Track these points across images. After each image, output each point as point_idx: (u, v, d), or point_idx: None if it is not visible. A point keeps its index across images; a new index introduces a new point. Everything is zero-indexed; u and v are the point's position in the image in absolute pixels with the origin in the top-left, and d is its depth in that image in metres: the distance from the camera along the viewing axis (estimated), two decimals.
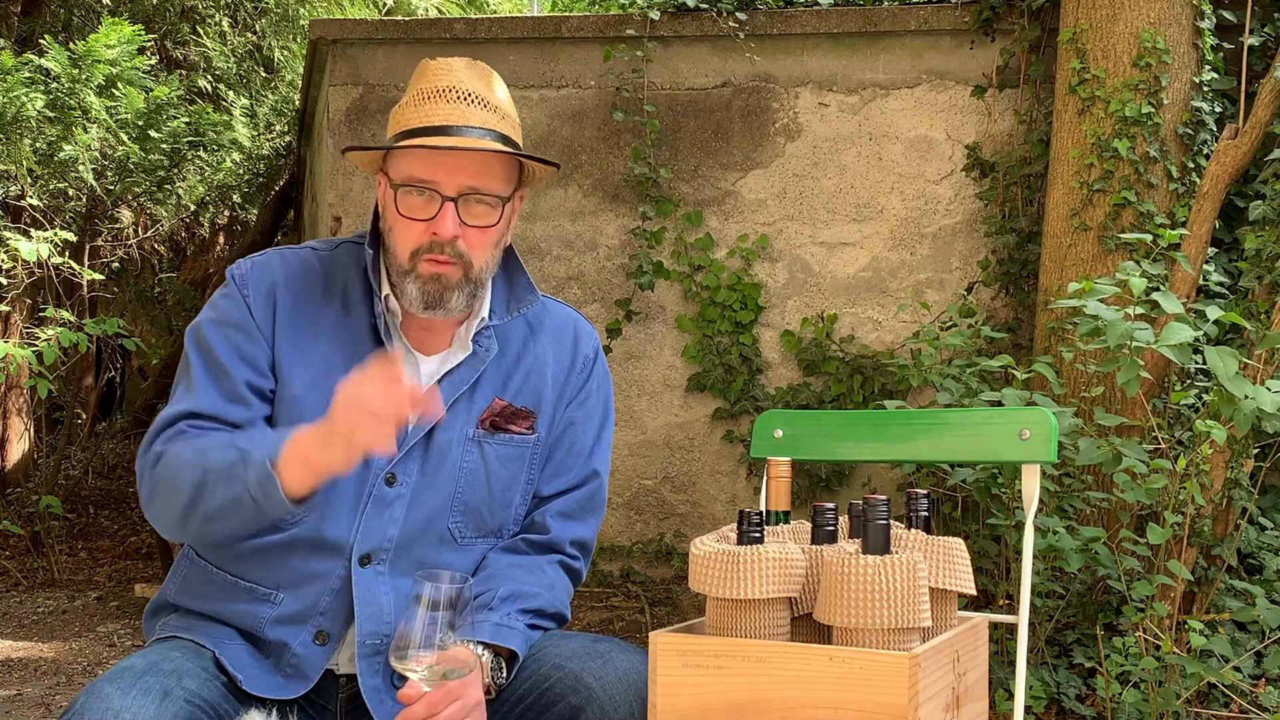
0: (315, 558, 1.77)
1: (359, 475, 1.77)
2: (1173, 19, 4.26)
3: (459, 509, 1.83)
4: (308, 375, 1.79)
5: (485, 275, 1.81)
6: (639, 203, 4.95)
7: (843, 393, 4.86)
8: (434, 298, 1.76)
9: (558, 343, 1.93)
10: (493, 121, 1.77)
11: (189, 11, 7.64)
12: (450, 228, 1.74)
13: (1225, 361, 2.86)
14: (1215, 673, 3.07)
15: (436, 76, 1.79)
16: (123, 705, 1.53)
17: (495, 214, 1.77)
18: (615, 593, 4.92)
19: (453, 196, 1.74)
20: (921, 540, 1.67)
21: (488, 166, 1.76)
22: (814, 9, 4.97)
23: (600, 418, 1.97)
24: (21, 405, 7.17)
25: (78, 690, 4.13)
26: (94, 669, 4.42)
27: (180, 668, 1.64)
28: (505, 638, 1.75)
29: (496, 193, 1.77)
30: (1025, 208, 4.83)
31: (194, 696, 1.61)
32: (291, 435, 1.65)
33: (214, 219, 8.09)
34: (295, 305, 1.82)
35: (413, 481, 1.80)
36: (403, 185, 1.76)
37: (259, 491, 1.63)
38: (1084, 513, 3.71)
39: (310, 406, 1.76)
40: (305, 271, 1.85)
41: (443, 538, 1.82)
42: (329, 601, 1.77)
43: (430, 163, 1.74)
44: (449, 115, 1.75)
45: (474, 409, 1.84)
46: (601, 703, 1.67)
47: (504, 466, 1.85)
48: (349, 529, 1.77)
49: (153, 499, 1.75)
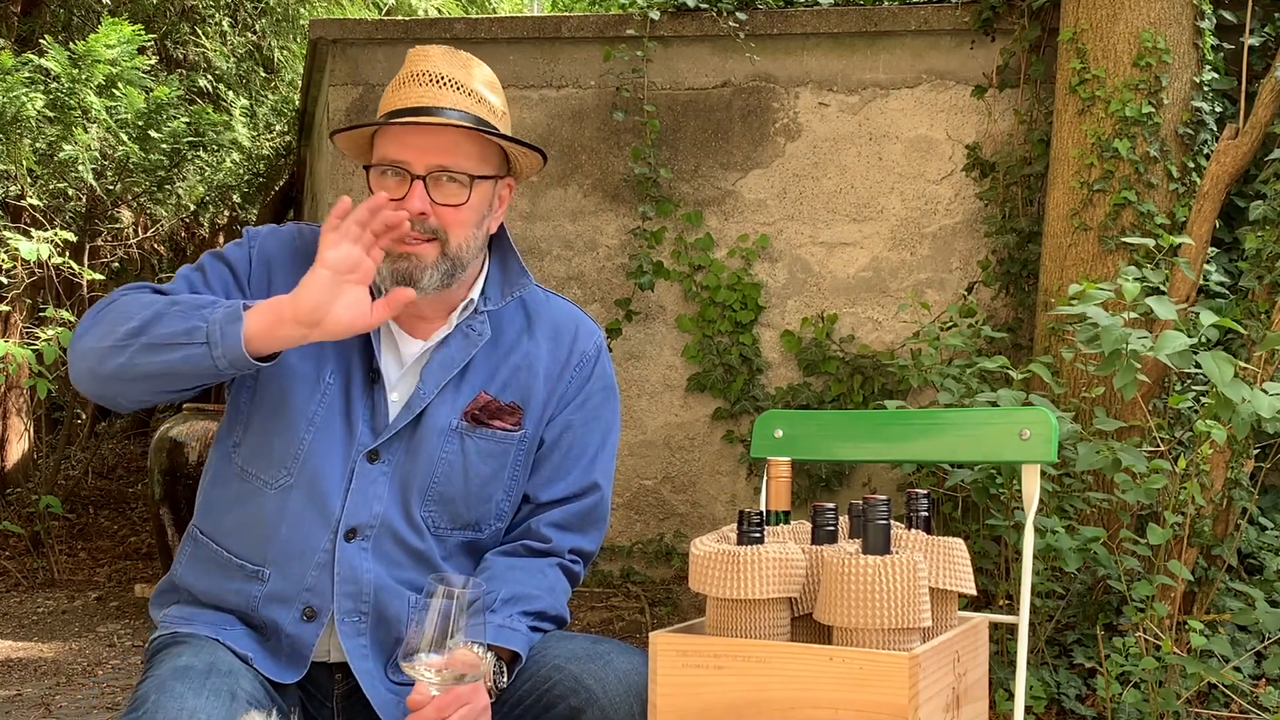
0: (302, 530, 1.79)
1: (345, 449, 1.79)
2: (1173, 19, 4.26)
3: (433, 498, 1.83)
4: (300, 347, 1.78)
5: (464, 255, 1.81)
6: (639, 203, 4.95)
7: (843, 393, 4.86)
8: (403, 275, 1.77)
9: (554, 339, 1.92)
10: (466, 104, 1.80)
11: (189, 11, 7.64)
12: (418, 203, 1.76)
13: (1221, 367, 2.85)
14: (1215, 673, 3.07)
15: (414, 62, 1.84)
16: (197, 706, 1.55)
17: (465, 192, 1.79)
18: (615, 593, 4.92)
19: (421, 175, 1.77)
20: (921, 540, 1.67)
21: (457, 145, 1.79)
22: (814, 9, 4.97)
23: (604, 427, 1.95)
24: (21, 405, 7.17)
25: (78, 690, 4.13)
26: (94, 669, 4.42)
27: (234, 669, 1.68)
28: (508, 639, 1.75)
29: (467, 170, 1.79)
30: (1025, 208, 4.83)
31: (250, 697, 1.64)
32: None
33: (214, 219, 8.09)
34: (296, 277, 1.83)
35: (396, 459, 1.81)
36: (377, 167, 1.81)
37: (218, 328, 1.63)
38: (1084, 513, 3.71)
39: (303, 378, 1.80)
40: (312, 246, 1.86)
41: (416, 526, 1.83)
42: (315, 576, 1.78)
43: (401, 143, 1.78)
44: (421, 97, 1.80)
45: (460, 399, 1.84)
46: (602, 705, 1.67)
47: (483, 461, 1.85)
48: (337, 502, 1.78)
49: (89, 331, 1.72)
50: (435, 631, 1.56)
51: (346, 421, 1.81)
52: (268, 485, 1.80)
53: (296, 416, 1.80)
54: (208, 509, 1.87)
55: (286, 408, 1.80)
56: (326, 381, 1.81)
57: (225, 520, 1.83)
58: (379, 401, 1.82)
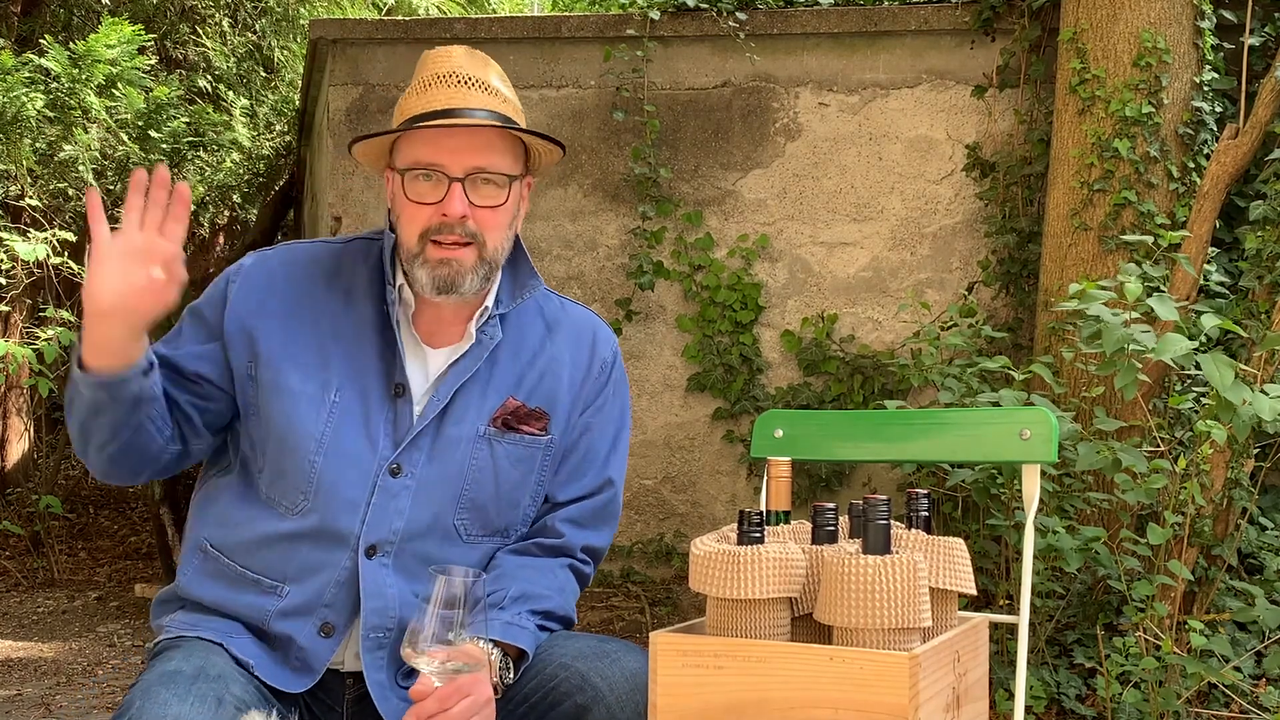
0: (322, 548, 1.77)
1: (365, 465, 1.78)
2: (1173, 19, 4.26)
3: (466, 505, 1.82)
4: (302, 368, 1.79)
5: (499, 257, 1.81)
6: (639, 203, 4.95)
7: (843, 393, 4.86)
8: (445, 282, 1.76)
9: (575, 345, 1.92)
10: (494, 104, 1.79)
11: (189, 11, 7.64)
12: (459, 206, 1.74)
13: (1222, 371, 2.85)
14: (1215, 673, 3.07)
15: (436, 64, 1.81)
16: (181, 712, 1.54)
17: (503, 193, 1.78)
18: (615, 593, 4.92)
19: (459, 177, 1.75)
20: (922, 540, 1.67)
21: (491, 145, 1.77)
22: (814, 9, 4.97)
23: (617, 425, 1.96)
24: (21, 405, 7.17)
25: (78, 690, 4.13)
26: (94, 669, 4.42)
27: (224, 673, 1.66)
28: (515, 636, 1.75)
29: (504, 170, 1.78)
30: (1025, 208, 4.83)
31: (240, 702, 1.62)
32: None
33: (214, 219, 8.09)
34: (294, 298, 1.83)
35: (419, 473, 1.79)
36: (409, 170, 1.77)
37: (76, 378, 1.67)
38: (1084, 513, 3.71)
39: (307, 400, 1.78)
40: (310, 265, 1.86)
41: (448, 533, 1.82)
42: (334, 593, 1.77)
43: (435, 145, 1.75)
44: (450, 99, 1.77)
45: (486, 406, 1.83)
46: (608, 703, 1.67)
47: (513, 466, 1.85)
48: (356, 520, 1.77)
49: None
50: (436, 622, 1.56)
51: (365, 436, 1.78)
52: (289, 510, 1.79)
53: (304, 440, 1.77)
54: (222, 524, 1.83)
55: (293, 432, 1.78)
56: (332, 400, 1.78)
57: (244, 537, 1.80)
58: (403, 414, 1.80)
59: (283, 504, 1.79)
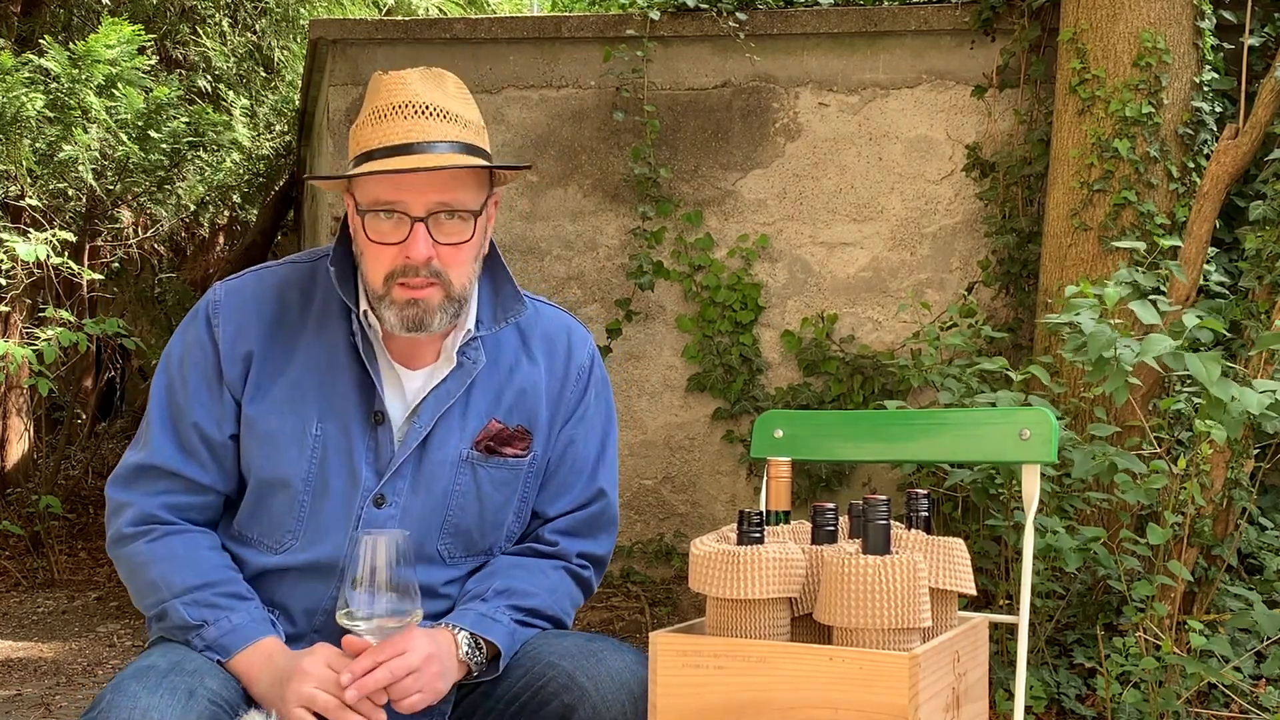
0: (307, 581, 1.78)
1: (348, 498, 1.76)
2: (1173, 19, 4.26)
3: (449, 531, 1.81)
4: (279, 404, 1.76)
5: (467, 291, 1.75)
6: (639, 203, 4.95)
7: (843, 393, 4.86)
8: (414, 321, 1.71)
9: (550, 354, 1.88)
10: (454, 132, 1.69)
11: (189, 11, 7.64)
12: (423, 249, 1.67)
13: (1208, 367, 2.85)
14: (1215, 673, 3.07)
15: (391, 92, 1.71)
16: (150, 704, 1.53)
17: (468, 228, 1.71)
18: (615, 593, 4.92)
19: (422, 216, 1.67)
20: (921, 540, 1.67)
21: (456, 180, 1.69)
22: (814, 9, 4.97)
23: (602, 432, 1.93)
24: (21, 405, 7.17)
25: (78, 690, 4.13)
26: (94, 669, 4.42)
27: (201, 668, 1.65)
28: (486, 629, 1.74)
29: (467, 206, 1.70)
30: (1025, 208, 4.83)
31: (216, 696, 1.62)
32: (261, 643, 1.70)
33: (214, 219, 8.09)
34: (272, 329, 1.78)
35: (402, 501, 1.78)
36: (369, 210, 1.69)
37: (206, 643, 1.71)
38: (1084, 513, 3.71)
39: (287, 438, 1.75)
40: (282, 291, 1.81)
41: (430, 559, 1.81)
42: (323, 621, 1.79)
43: (395, 184, 1.67)
44: (408, 132, 1.67)
45: (467, 429, 1.81)
46: (594, 702, 1.66)
47: (496, 489, 1.83)
48: (340, 551, 1.76)
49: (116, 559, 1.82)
50: (366, 579, 1.58)
51: (348, 468, 1.76)
52: (273, 549, 1.79)
53: (290, 480, 1.75)
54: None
55: (278, 476, 1.76)
56: (314, 435, 1.75)
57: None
58: (384, 443, 1.77)
59: (264, 542, 1.79)
